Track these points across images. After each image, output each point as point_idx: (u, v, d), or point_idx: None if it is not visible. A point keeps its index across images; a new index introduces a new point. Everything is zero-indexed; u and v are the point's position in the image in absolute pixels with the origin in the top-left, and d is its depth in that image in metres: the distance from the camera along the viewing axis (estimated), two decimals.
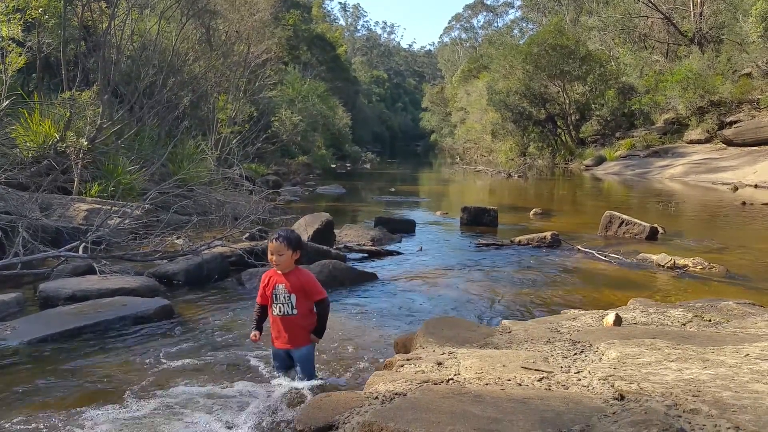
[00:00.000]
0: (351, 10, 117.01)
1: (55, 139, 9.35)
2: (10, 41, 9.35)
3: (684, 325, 3.81)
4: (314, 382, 3.49)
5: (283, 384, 3.48)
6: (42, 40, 11.48)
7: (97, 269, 5.79)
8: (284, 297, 3.44)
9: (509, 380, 2.71)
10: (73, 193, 8.87)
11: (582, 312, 4.35)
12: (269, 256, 3.46)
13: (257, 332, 3.58)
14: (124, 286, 5.45)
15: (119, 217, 7.34)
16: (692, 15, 34.26)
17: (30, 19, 10.49)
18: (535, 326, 3.88)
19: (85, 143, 9.27)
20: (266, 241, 3.66)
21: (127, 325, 4.63)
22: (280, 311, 3.46)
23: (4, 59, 9.14)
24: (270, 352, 3.69)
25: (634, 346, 3.08)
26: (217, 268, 6.55)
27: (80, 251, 6.09)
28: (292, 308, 3.45)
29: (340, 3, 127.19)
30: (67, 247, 6.04)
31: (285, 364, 3.59)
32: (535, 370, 2.82)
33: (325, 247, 7.48)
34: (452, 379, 2.81)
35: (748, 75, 27.55)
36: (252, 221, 8.37)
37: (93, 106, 10.35)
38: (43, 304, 5.15)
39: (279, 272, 3.48)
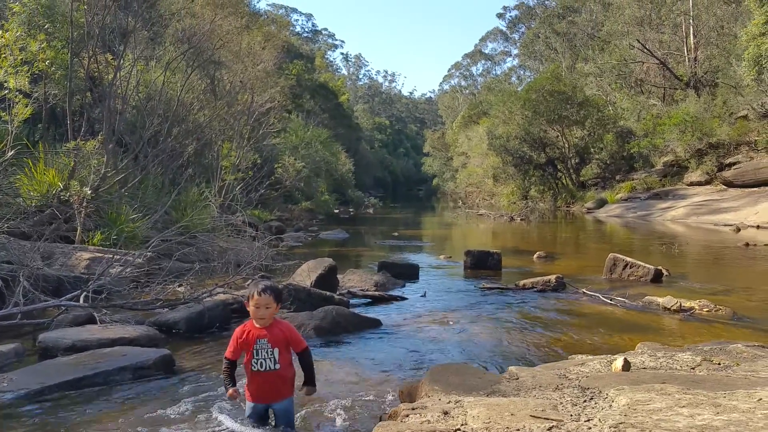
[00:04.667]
0: (353, 60, 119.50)
1: (59, 188, 9.41)
2: (17, 92, 9.50)
3: (693, 368, 3.74)
4: None
5: None
6: (48, 92, 11.68)
7: (97, 319, 5.74)
8: (267, 352, 3.32)
9: (518, 430, 2.64)
10: (75, 241, 8.87)
11: (590, 357, 4.28)
12: (253, 310, 3.33)
13: (235, 388, 3.41)
14: (124, 335, 5.39)
15: (121, 265, 7.32)
16: (687, 60, 34.86)
17: (37, 71, 10.69)
18: (542, 372, 3.81)
19: (89, 192, 9.33)
20: (247, 292, 3.53)
21: (126, 376, 4.55)
22: (261, 366, 3.32)
23: (11, 110, 9.28)
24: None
25: (644, 392, 3.01)
26: (219, 316, 6.49)
27: (81, 300, 6.06)
28: (275, 363, 3.34)
29: (342, 54, 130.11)
30: (67, 296, 6.01)
31: (262, 419, 3.48)
32: (545, 418, 2.75)
33: (328, 293, 7.43)
34: (459, 429, 2.74)
35: (745, 117, 27.83)
36: (254, 268, 8.33)
37: (97, 156, 10.45)
38: (43, 355, 5.08)
39: (258, 326, 3.37)
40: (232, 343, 3.41)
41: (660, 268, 9.75)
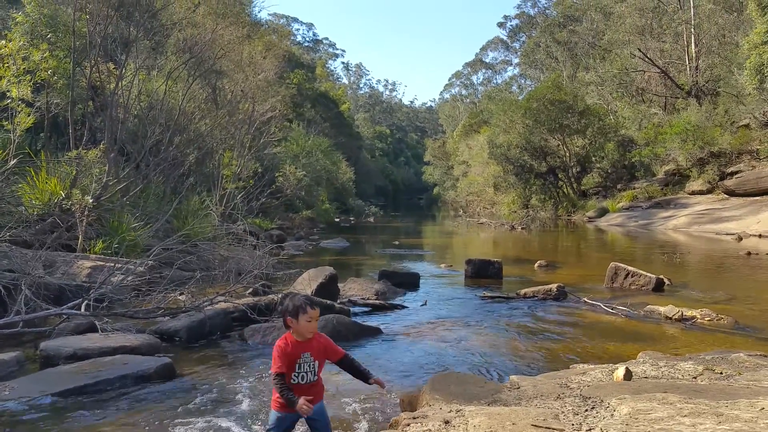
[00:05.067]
0: (354, 69, 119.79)
1: (61, 197, 9.43)
2: (20, 102, 9.54)
3: (695, 378, 3.73)
4: None
5: None
6: (51, 101, 11.73)
7: (99, 327, 5.74)
8: (309, 365, 3.32)
9: None
10: (77, 250, 8.88)
11: (591, 366, 4.27)
12: (305, 324, 3.29)
13: (305, 398, 3.35)
14: (126, 344, 5.39)
15: (122, 274, 7.32)
16: (688, 69, 34.93)
17: (40, 81, 10.74)
18: (544, 381, 3.80)
19: (91, 201, 9.34)
20: (285, 300, 3.42)
21: (127, 385, 4.55)
22: (303, 379, 3.29)
23: (13, 119, 9.31)
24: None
25: (646, 401, 3.00)
26: (220, 325, 6.49)
27: (82, 309, 6.05)
28: (315, 375, 3.35)
29: (343, 63, 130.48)
30: (69, 305, 6.01)
31: (289, 429, 3.46)
32: (546, 428, 2.75)
33: (329, 302, 7.42)
34: None
35: (746, 126, 27.86)
36: (255, 276, 8.33)
37: (99, 164, 10.48)
38: (44, 363, 5.07)
39: (300, 339, 3.35)
40: (281, 357, 3.32)
41: (662, 277, 9.74)
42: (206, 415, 3.96)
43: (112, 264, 7.84)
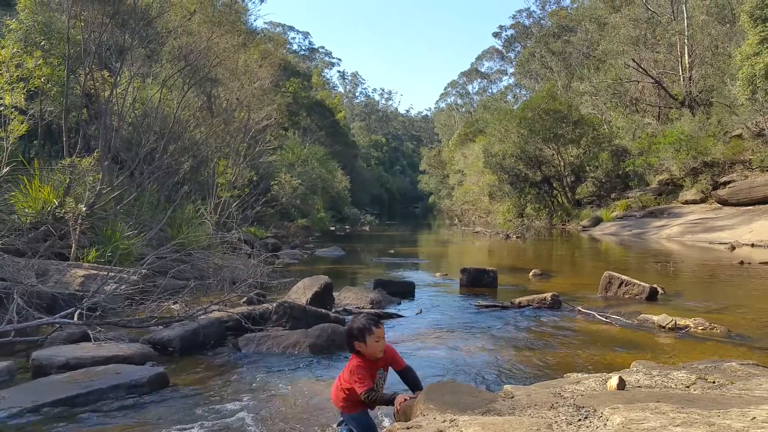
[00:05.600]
0: (350, 78, 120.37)
1: (54, 205, 9.41)
2: (13, 109, 9.53)
3: (688, 387, 3.73)
4: None
5: None
6: (44, 108, 11.71)
7: (91, 336, 5.71)
8: (382, 380, 3.34)
9: None
10: (70, 258, 8.85)
11: (585, 375, 4.27)
12: (374, 344, 3.25)
13: (404, 395, 3.34)
14: (119, 353, 5.36)
15: (116, 282, 7.30)
16: (682, 79, 35.18)
17: (33, 88, 10.73)
18: (538, 391, 3.80)
19: (84, 209, 9.32)
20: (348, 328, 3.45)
21: (120, 394, 4.52)
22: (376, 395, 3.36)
23: (7, 127, 9.29)
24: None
25: (639, 411, 3.01)
26: (214, 334, 6.47)
27: (75, 318, 6.03)
28: (384, 388, 3.38)
29: (339, 71, 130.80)
30: (61, 313, 5.98)
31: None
32: None
33: (323, 311, 7.41)
34: None
35: (739, 136, 28.05)
36: (250, 285, 8.32)
37: (93, 172, 10.46)
38: (36, 373, 5.04)
39: (372, 360, 3.32)
40: (364, 372, 3.32)
41: (655, 286, 9.76)
42: (200, 425, 3.94)
43: (106, 273, 7.82)
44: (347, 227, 35.50)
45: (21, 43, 11.95)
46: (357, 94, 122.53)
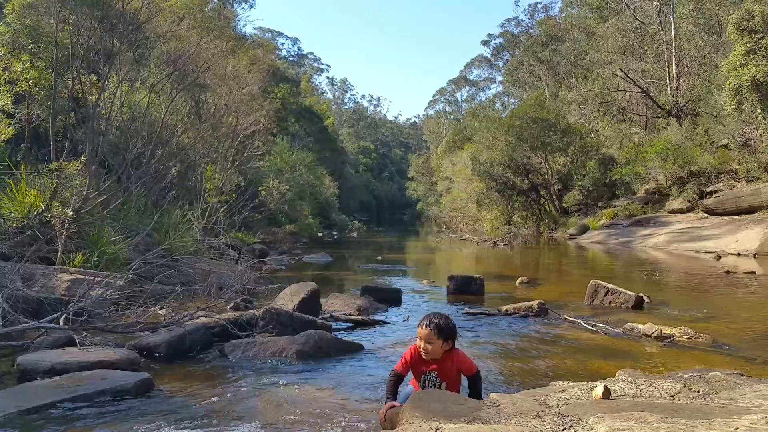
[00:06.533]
0: (338, 84, 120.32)
1: (41, 209, 9.33)
2: (0, 112, 9.46)
3: (673, 396, 3.77)
4: None
5: None
6: (31, 112, 11.63)
7: (77, 341, 5.66)
8: (434, 384, 3.30)
9: None
10: (56, 263, 8.78)
11: (571, 384, 4.30)
12: (417, 341, 3.27)
13: (391, 403, 3.30)
14: (104, 358, 5.32)
15: (102, 287, 7.25)
16: (669, 89, 35.53)
17: (20, 91, 10.66)
18: (523, 399, 3.82)
19: (71, 213, 9.25)
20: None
21: (106, 399, 4.49)
22: None
23: None
24: None
25: (623, 420, 3.03)
26: (200, 340, 6.43)
27: (61, 323, 5.98)
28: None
29: (328, 78, 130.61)
30: (47, 318, 5.94)
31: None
32: None
33: (310, 317, 7.40)
34: None
35: (725, 146, 28.33)
36: (237, 291, 8.29)
37: (80, 177, 10.39)
38: (21, 378, 4.99)
39: (427, 358, 3.31)
40: (404, 360, 3.34)
41: (641, 294, 9.83)
42: (185, 430, 3.92)
43: (92, 277, 7.76)
44: (335, 233, 35.46)
45: (8, 46, 11.88)
46: (346, 100, 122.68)
